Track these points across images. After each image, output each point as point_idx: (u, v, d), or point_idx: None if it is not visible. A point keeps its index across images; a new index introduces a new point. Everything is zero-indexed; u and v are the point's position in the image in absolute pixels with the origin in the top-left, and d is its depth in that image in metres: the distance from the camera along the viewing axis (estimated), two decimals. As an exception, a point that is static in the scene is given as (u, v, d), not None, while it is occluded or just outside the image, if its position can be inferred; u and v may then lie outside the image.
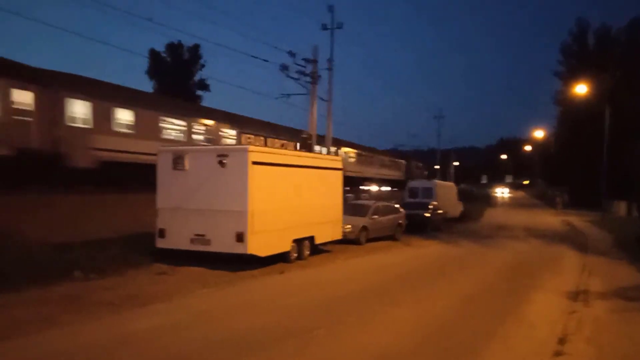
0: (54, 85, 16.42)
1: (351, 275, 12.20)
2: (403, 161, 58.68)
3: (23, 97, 15.29)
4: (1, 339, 6.22)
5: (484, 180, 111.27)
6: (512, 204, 62.20)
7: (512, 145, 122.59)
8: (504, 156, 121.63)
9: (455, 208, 31.57)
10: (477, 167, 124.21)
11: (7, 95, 14.92)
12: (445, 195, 29.55)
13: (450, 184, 36.42)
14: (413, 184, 30.89)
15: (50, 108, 16.20)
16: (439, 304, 9.11)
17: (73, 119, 17.18)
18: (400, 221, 19.95)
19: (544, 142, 75.23)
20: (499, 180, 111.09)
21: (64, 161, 16.79)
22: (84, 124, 17.41)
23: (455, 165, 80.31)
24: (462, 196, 36.67)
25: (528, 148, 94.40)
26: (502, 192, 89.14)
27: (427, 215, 23.70)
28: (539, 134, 70.30)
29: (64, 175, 16.85)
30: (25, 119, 15.52)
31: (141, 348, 6.20)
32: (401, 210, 20.66)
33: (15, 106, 15.17)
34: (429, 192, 27.93)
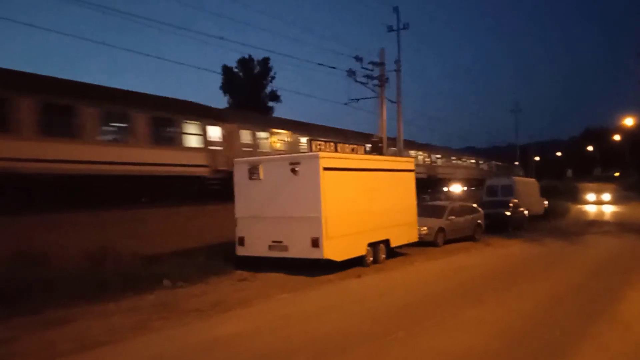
0: (230, 120, 21.36)
1: (429, 277, 12.01)
2: (479, 160, 56.82)
3: (214, 132, 20.26)
4: (102, 344, 6.75)
5: (569, 174, 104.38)
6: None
7: (599, 135, 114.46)
8: (590, 147, 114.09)
9: (538, 205, 30.09)
10: (560, 161, 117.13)
11: (204, 131, 19.89)
12: (526, 192, 28.25)
13: (532, 179, 34.76)
14: (491, 181, 29.80)
15: (231, 137, 20.92)
16: (523, 304, 8.75)
17: (243, 145, 21.40)
18: (479, 221, 19.35)
19: (635, 130, 69.87)
20: (586, 174, 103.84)
21: None
22: (248, 147, 21.43)
23: (537, 160, 76.47)
24: (546, 192, 34.89)
25: (617, 137, 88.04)
26: (597, 199, 46.02)
27: (508, 213, 22.78)
28: (628, 121, 65.43)
29: None
30: (216, 148, 20.10)
31: (228, 352, 6.49)
32: (479, 209, 20.04)
33: (209, 139, 19.96)
34: (508, 190, 26.85)
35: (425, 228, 16.41)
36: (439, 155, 42.82)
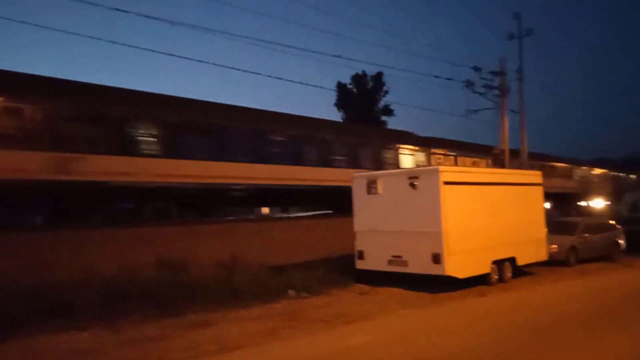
0: (427, 145, 23.91)
1: (561, 299, 11.21)
2: (615, 172, 51.76)
3: (419, 156, 23.23)
4: (239, 348, 7.27)
5: None
6: None
7: None
8: None
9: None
10: None
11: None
12: (676, 208, 25.13)
13: (682, 193, 30.86)
14: (633, 196, 27.02)
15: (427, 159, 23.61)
16: (676, 333, 7.86)
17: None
18: (617, 239, 17.68)
19: None
20: None
21: None
22: None
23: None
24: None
25: None
26: None
27: (653, 232, 20.45)
28: None
29: None
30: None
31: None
32: (618, 226, 18.30)
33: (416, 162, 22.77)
34: None
35: (555, 246, 15.36)
36: (566, 167, 39.92)
